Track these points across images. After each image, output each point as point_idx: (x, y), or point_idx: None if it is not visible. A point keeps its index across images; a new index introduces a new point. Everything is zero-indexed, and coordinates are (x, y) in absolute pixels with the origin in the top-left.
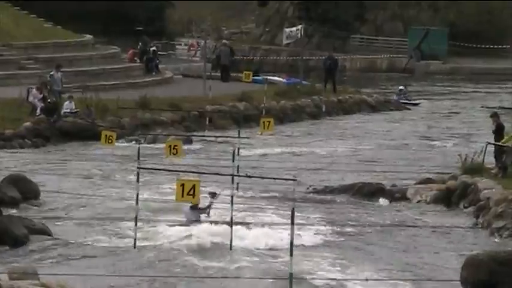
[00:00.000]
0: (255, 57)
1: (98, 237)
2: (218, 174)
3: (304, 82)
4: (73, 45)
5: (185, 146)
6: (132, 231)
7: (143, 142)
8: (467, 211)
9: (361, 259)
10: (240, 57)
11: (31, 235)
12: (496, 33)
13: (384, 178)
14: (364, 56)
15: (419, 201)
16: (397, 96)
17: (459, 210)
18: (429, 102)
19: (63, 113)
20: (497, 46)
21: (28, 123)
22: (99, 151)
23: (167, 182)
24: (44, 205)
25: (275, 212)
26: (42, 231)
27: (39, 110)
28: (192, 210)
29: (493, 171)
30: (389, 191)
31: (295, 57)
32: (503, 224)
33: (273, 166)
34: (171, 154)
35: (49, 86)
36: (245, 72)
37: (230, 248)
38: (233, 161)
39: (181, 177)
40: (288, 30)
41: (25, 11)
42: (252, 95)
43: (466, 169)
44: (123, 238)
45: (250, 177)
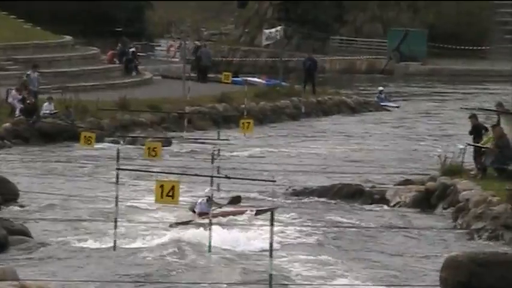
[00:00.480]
0: (235, 58)
1: (78, 238)
2: (198, 175)
3: (283, 83)
4: (52, 46)
5: (164, 147)
6: (112, 232)
7: (123, 143)
8: (446, 212)
9: (340, 261)
10: (220, 58)
11: (10, 236)
12: (476, 34)
13: (363, 179)
14: (343, 57)
15: (398, 202)
16: (378, 98)
17: (438, 211)
18: (408, 103)
19: (42, 114)
20: (476, 47)
21: (7, 124)
22: (78, 152)
23: (147, 183)
24: (24, 206)
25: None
26: (21, 232)
27: (18, 111)
28: (208, 203)
29: (472, 172)
30: (368, 193)
31: (274, 58)
32: (482, 226)
33: (253, 167)
34: (150, 156)
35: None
36: (224, 73)
37: (209, 250)
38: (212, 163)
39: (160, 178)
40: (268, 31)
41: (5, 12)
42: (232, 96)
43: (445, 170)
44: (103, 239)
45: (229, 178)
